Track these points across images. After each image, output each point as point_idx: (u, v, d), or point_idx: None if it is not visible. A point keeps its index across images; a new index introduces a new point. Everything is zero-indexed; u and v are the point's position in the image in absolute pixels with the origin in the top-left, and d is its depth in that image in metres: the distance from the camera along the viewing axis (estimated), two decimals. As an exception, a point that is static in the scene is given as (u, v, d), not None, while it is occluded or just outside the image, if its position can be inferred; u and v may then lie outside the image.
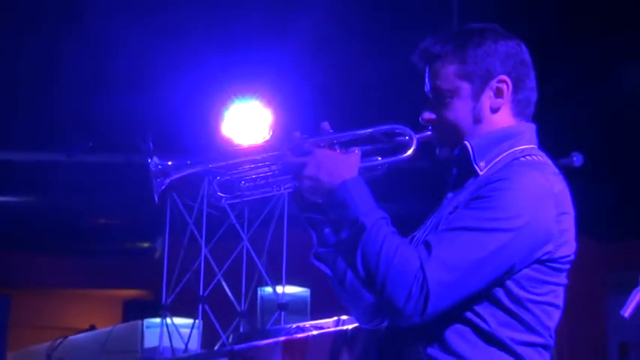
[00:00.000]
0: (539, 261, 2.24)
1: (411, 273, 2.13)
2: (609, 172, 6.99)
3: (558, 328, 2.33)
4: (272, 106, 7.04)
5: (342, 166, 2.30)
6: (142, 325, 6.76)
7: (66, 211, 8.81)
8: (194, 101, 7.00)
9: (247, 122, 7.02)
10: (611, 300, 8.87)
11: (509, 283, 2.22)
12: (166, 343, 6.64)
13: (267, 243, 6.79)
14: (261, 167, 2.44)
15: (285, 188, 2.44)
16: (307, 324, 5.03)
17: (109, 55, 6.68)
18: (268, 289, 7.05)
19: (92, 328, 8.52)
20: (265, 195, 2.47)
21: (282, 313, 6.80)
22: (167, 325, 6.68)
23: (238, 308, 6.88)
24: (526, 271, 2.23)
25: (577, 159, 4.33)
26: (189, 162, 2.41)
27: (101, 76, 6.86)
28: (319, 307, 7.44)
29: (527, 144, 2.38)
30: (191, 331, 6.68)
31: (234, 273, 6.95)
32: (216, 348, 6.64)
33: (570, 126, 6.62)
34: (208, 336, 6.91)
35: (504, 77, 2.38)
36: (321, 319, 4.90)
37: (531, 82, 2.43)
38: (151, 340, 6.74)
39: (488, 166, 2.34)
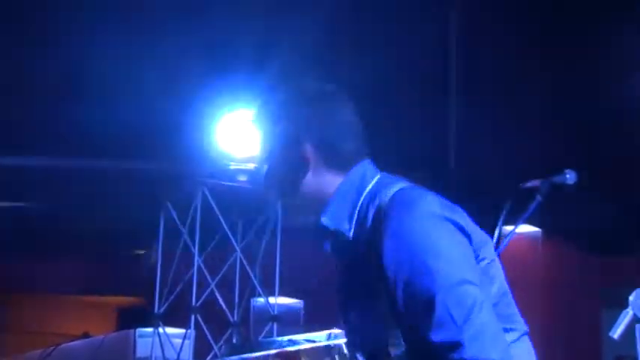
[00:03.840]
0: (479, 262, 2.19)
1: None
2: (606, 189, 6.97)
3: (555, 343, 2.31)
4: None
5: None
6: (135, 334, 6.73)
7: (62, 218, 8.80)
8: (188, 112, 6.96)
9: (241, 133, 6.95)
10: (606, 315, 8.86)
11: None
12: (158, 353, 6.61)
13: (261, 254, 6.76)
14: None
15: None
16: (300, 337, 5.00)
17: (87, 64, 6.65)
18: (261, 300, 7.01)
19: (86, 335, 8.50)
20: None
21: (275, 324, 6.77)
22: (159, 334, 6.64)
23: (231, 319, 6.85)
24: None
25: (570, 176, 4.25)
26: None
27: (73, 83, 6.82)
28: (312, 319, 7.42)
29: (372, 179, 2.27)
30: (183, 341, 6.65)
31: (227, 283, 6.92)
32: (208, 359, 6.62)
33: (565, 143, 6.61)
34: (201, 346, 6.88)
35: (308, 147, 2.26)
36: (313, 331, 4.88)
37: (344, 135, 2.28)
38: (143, 349, 6.71)
39: (353, 225, 2.23)
